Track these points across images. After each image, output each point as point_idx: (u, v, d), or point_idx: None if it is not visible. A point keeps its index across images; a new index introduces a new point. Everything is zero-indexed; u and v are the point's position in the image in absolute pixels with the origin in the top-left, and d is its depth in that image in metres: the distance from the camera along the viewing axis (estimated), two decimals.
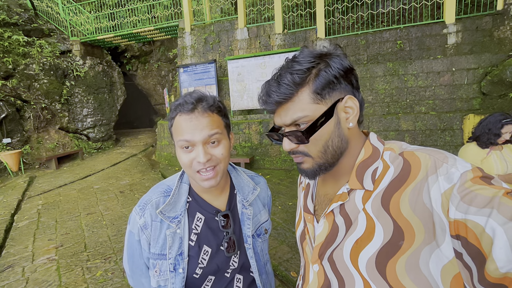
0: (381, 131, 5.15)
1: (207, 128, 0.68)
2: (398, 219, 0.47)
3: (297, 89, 0.52)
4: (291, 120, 0.54)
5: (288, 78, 0.52)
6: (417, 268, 0.45)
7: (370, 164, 0.55)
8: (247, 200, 0.85)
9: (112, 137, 10.03)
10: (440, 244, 0.43)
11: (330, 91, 0.53)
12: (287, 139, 0.56)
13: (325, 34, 6.12)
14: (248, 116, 6.48)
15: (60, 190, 5.37)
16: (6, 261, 2.89)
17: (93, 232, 3.46)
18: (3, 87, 6.90)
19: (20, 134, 7.24)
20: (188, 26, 7.22)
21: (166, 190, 0.80)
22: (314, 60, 0.52)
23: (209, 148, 0.70)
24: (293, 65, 0.53)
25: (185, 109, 0.69)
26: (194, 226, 0.78)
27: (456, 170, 0.44)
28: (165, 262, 0.75)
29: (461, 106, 4.94)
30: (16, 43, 7.32)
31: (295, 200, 3.93)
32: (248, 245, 0.83)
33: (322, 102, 0.52)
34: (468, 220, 0.39)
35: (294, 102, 0.53)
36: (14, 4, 7.96)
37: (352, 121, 0.54)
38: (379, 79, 5.42)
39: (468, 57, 4.89)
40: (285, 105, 0.54)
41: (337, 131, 0.54)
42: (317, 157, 0.55)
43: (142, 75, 11.90)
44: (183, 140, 0.68)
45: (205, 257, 0.77)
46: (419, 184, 0.46)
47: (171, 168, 6.34)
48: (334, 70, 0.52)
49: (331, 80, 0.52)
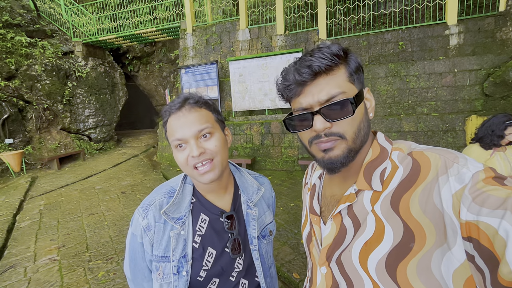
0: (383, 132, 5.13)
1: (196, 122, 0.69)
2: (408, 220, 0.47)
3: (339, 62, 0.52)
4: (328, 95, 0.51)
5: (332, 48, 0.52)
6: (428, 271, 0.45)
7: (378, 165, 0.54)
8: (252, 200, 0.84)
9: (114, 137, 10.04)
10: (451, 246, 0.42)
11: (358, 77, 0.54)
12: (321, 117, 0.51)
13: (327, 35, 6.12)
14: (250, 117, 6.48)
15: (62, 191, 5.37)
16: (8, 261, 2.89)
17: (95, 232, 3.46)
18: (5, 88, 6.93)
19: (22, 134, 7.27)
20: (190, 27, 7.24)
21: (170, 191, 0.79)
22: (341, 48, 0.54)
23: (202, 142, 0.70)
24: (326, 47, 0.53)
25: (173, 109, 0.71)
26: (198, 228, 0.77)
27: (468, 170, 0.43)
28: (169, 265, 0.73)
29: (463, 107, 4.93)
30: (19, 44, 7.36)
31: (296, 201, 3.92)
32: (254, 247, 0.82)
33: (354, 84, 0.53)
34: (480, 222, 0.38)
35: (331, 76, 0.51)
36: (17, 5, 8.01)
37: (371, 111, 0.57)
38: (380, 80, 5.41)
39: (470, 58, 4.88)
40: (320, 80, 0.52)
41: (366, 117, 0.55)
42: (351, 140, 0.52)
43: (144, 76, 11.92)
44: (175, 139, 0.69)
45: (209, 259, 0.75)
46: (429, 184, 0.46)
47: (172, 168, 6.34)
48: (358, 61, 0.55)
49: (359, 67, 0.54)
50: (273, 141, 5.90)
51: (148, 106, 14.71)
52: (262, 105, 6.24)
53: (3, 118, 6.73)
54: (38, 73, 7.57)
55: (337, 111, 0.50)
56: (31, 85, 7.50)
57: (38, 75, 7.59)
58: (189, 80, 6.90)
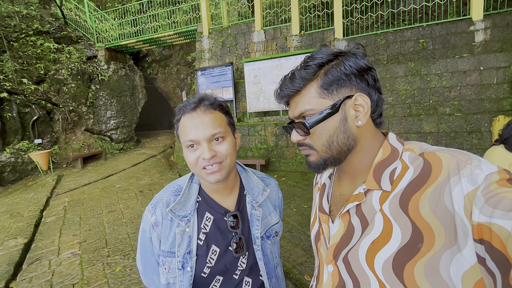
0: (401, 133, 4.96)
1: (210, 126, 0.70)
2: (417, 221, 0.46)
3: (305, 83, 0.55)
4: (299, 112, 0.57)
5: (299, 73, 0.56)
6: (436, 272, 0.44)
7: (388, 164, 0.54)
8: (257, 201, 0.85)
9: (133, 138, 10.42)
10: (462, 248, 0.41)
11: (338, 87, 0.54)
12: (295, 131, 0.59)
13: (343, 35, 6.01)
14: (264, 118, 6.48)
15: (85, 189, 5.64)
16: (35, 254, 3.07)
17: (114, 229, 3.59)
18: (35, 91, 7.39)
19: (49, 135, 7.71)
20: (206, 30, 7.38)
21: (177, 189, 0.82)
22: (328, 57, 0.54)
23: (214, 145, 0.71)
24: (308, 61, 0.56)
25: (188, 109, 0.72)
26: (203, 226, 0.79)
27: (481, 171, 0.42)
28: (174, 260, 0.76)
29: (490, 107, 4.66)
30: (48, 50, 7.84)
31: (310, 203, 3.87)
32: (257, 247, 0.82)
33: (329, 98, 0.54)
34: (493, 224, 0.37)
35: (302, 95, 0.56)
36: (46, 14, 8.54)
37: (361, 119, 0.54)
38: (399, 79, 5.23)
39: (497, 55, 4.60)
40: (295, 98, 0.58)
41: (342, 127, 0.54)
42: (321, 151, 0.56)
43: (162, 79, 12.28)
44: (188, 140, 0.70)
45: (213, 256, 0.77)
46: (440, 185, 0.45)
47: (188, 169, 6.47)
48: (347, 67, 0.53)
49: (340, 77, 0.54)
50: (288, 142, 5.86)
51: (166, 108, 15.14)
52: (276, 106, 6.22)
53: (33, 119, 7.18)
54: (64, 77, 8.02)
55: (301, 128, 0.56)
56: (58, 89, 7.95)
57: (65, 79, 8.04)
58: (205, 82, 7.02)
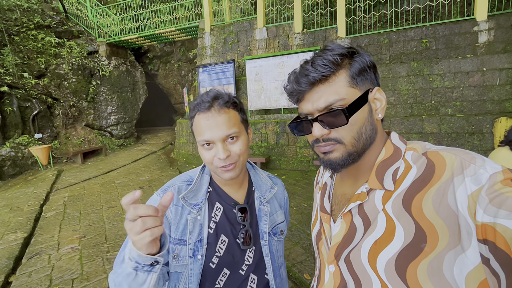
0: (403, 134, 4.95)
1: (225, 126, 0.71)
2: (420, 220, 0.45)
3: (336, 69, 0.52)
4: (326, 103, 0.52)
5: (328, 56, 0.52)
6: (440, 273, 0.43)
7: (391, 164, 0.53)
8: (265, 197, 0.88)
9: (134, 134, 10.41)
10: (465, 248, 0.41)
11: (364, 79, 0.53)
12: (318, 125, 0.53)
13: (346, 33, 5.98)
14: (265, 116, 6.47)
15: (85, 184, 5.64)
16: (35, 248, 3.08)
17: (113, 225, 3.60)
18: (36, 86, 7.38)
19: (50, 129, 7.71)
20: (208, 27, 7.34)
21: (188, 179, 0.84)
22: (348, 48, 0.54)
23: (228, 144, 0.73)
24: (329, 50, 0.53)
25: (202, 108, 0.73)
26: (213, 215, 0.81)
27: (485, 171, 0.41)
28: (185, 248, 0.77)
29: (492, 108, 4.64)
30: (48, 44, 7.81)
31: (310, 202, 3.87)
32: (264, 242, 0.84)
33: (357, 88, 0.53)
34: (497, 224, 0.37)
35: (330, 83, 0.52)
36: (47, 7, 8.49)
37: (380, 112, 0.55)
38: (402, 79, 5.21)
39: (501, 56, 4.58)
40: (319, 87, 0.52)
41: (369, 119, 0.53)
42: (349, 144, 0.53)
43: (163, 75, 12.25)
44: (203, 140, 0.72)
45: (222, 246, 0.79)
46: (444, 185, 0.44)
47: (188, 166, 6.47)
48: (368, 60, 0.54)
49: (365, 68, 0.53)
50: (288, 141, 5.86)
51: (167, 104, 15.09)
52: (278, 104, 6.21)
53: (33, 114, 7.18)
54: (65, 72, 8.00)
55: (333, 119, 0.51)
56: (59, 83, 7.93)
57: (65, 74, 8.02)
58: (206, 78, 7.00)
